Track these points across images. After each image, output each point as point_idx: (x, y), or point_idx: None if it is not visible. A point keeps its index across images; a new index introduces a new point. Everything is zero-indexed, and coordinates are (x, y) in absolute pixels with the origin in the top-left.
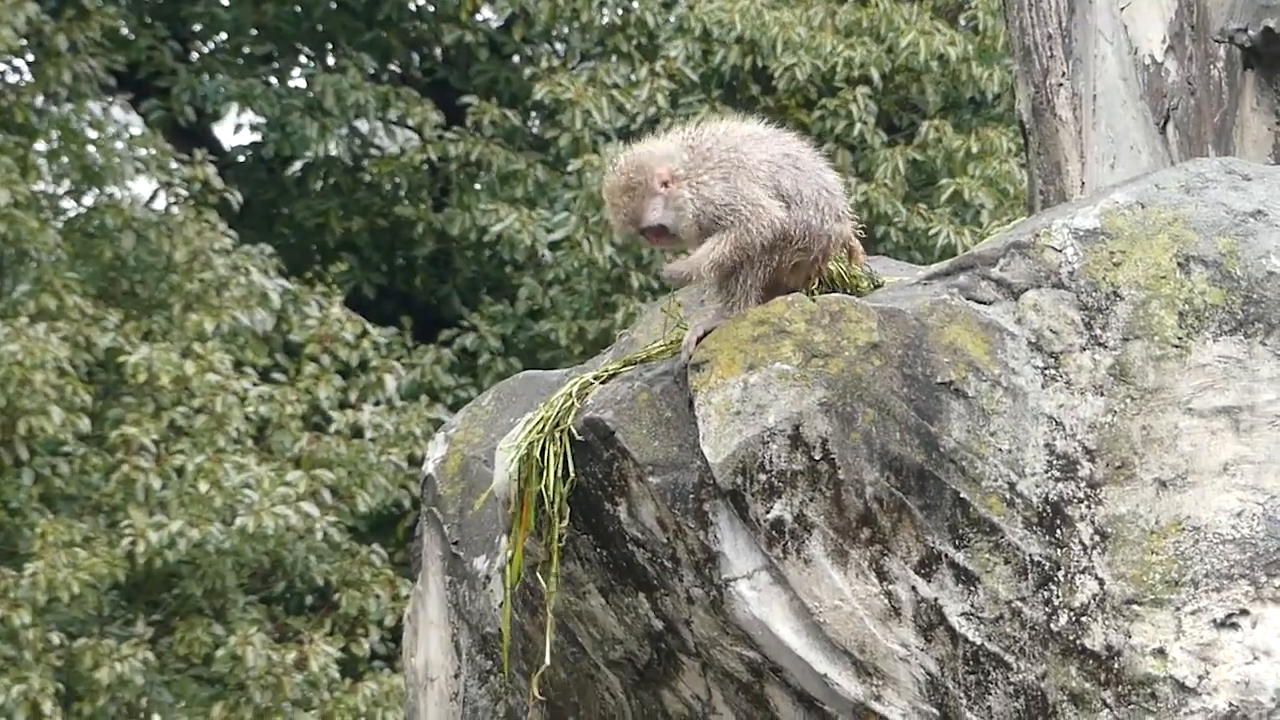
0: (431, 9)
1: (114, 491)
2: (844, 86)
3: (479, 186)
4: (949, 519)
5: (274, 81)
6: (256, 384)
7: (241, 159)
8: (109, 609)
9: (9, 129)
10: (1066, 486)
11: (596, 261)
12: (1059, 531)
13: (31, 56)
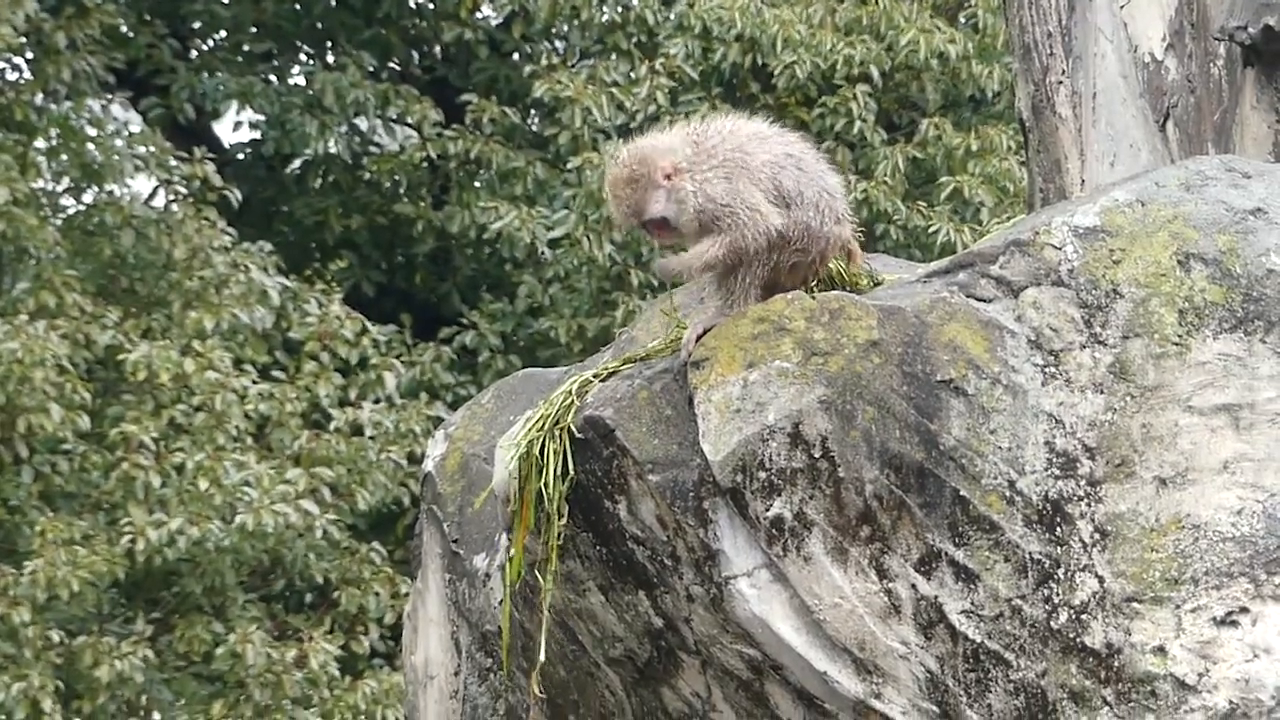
0: (431, 6)
1: (114, 489)
2: (844, 84)
3: (479, 184)
4: (949, 517)
5: (273, 79)
6: (256, 382)
7: (241, 157)
8: (109, 607)
9: (8, 127)
10: (1066, 484)
11: (596, 259)
12: (1059, 529)
13: (31, 54)
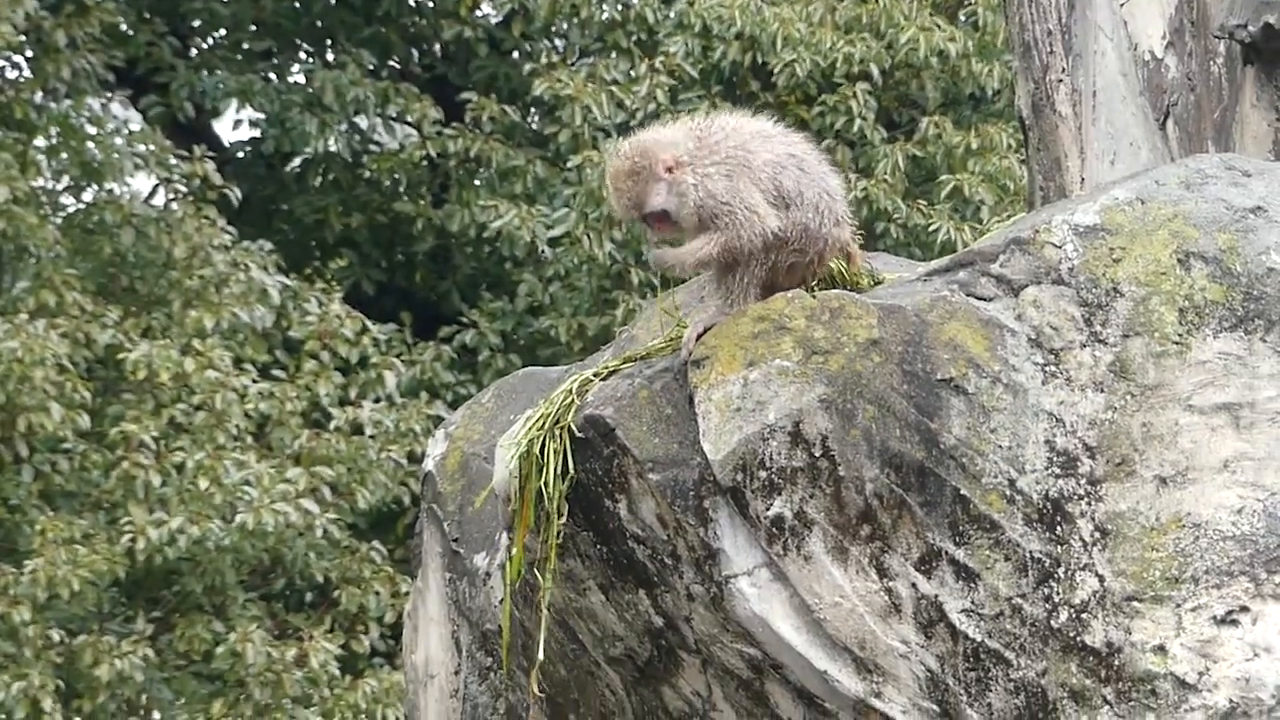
0: (431, 5)
1: (114, 488)
2: (844, 83)
3: (478, 182)
4: (949, 516)
5: (273, 77)
6: (256, 381)
7: (241, 155)
8: (109, 606)
9: (8, 125)
10: (1067, 483)
11: (596, 258)
12: (1059, 528)
13: (30, 52)
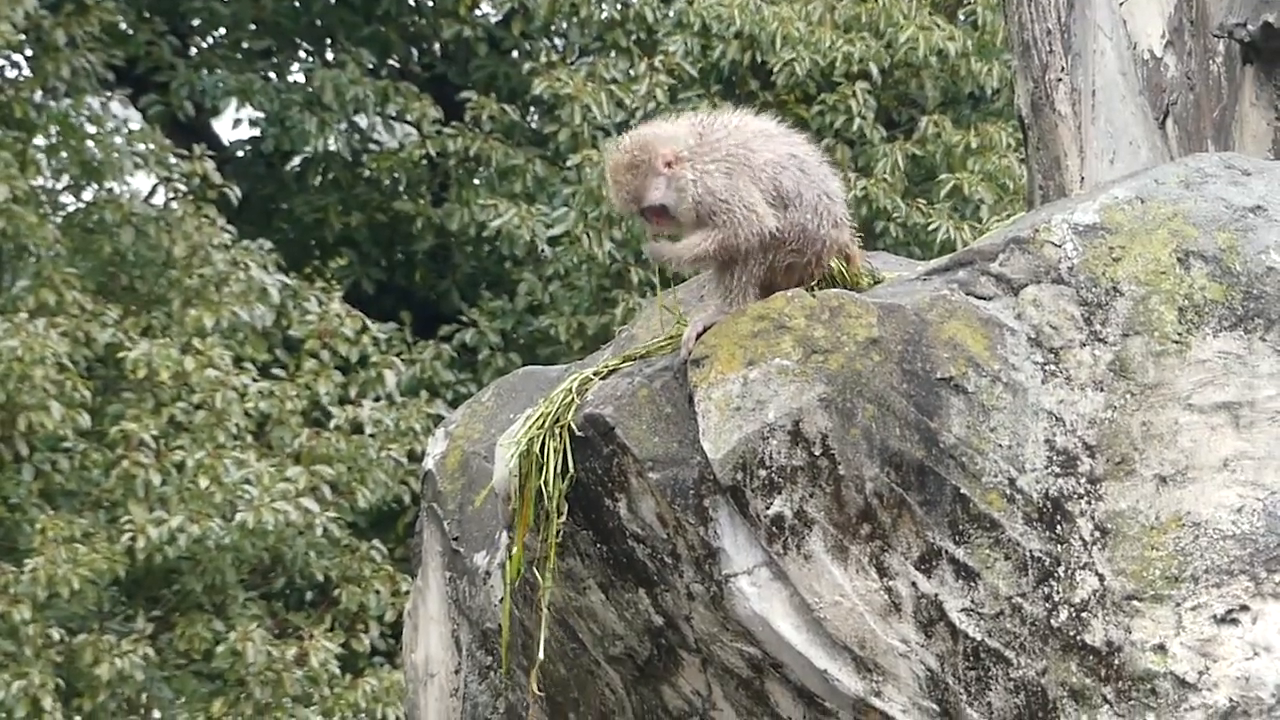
0: (430, 4)
1: (114, 487)
2: (843, 82)
3: (478, 182)
4: (949, 515)
5: (273, 76)
6: (256, 379)
7: (240, 154)
8: (109, 605)
9: (8, 124)
10: (1066, 482)
11: (596, 257)
12: (1059, 527)
13: (30, 51)
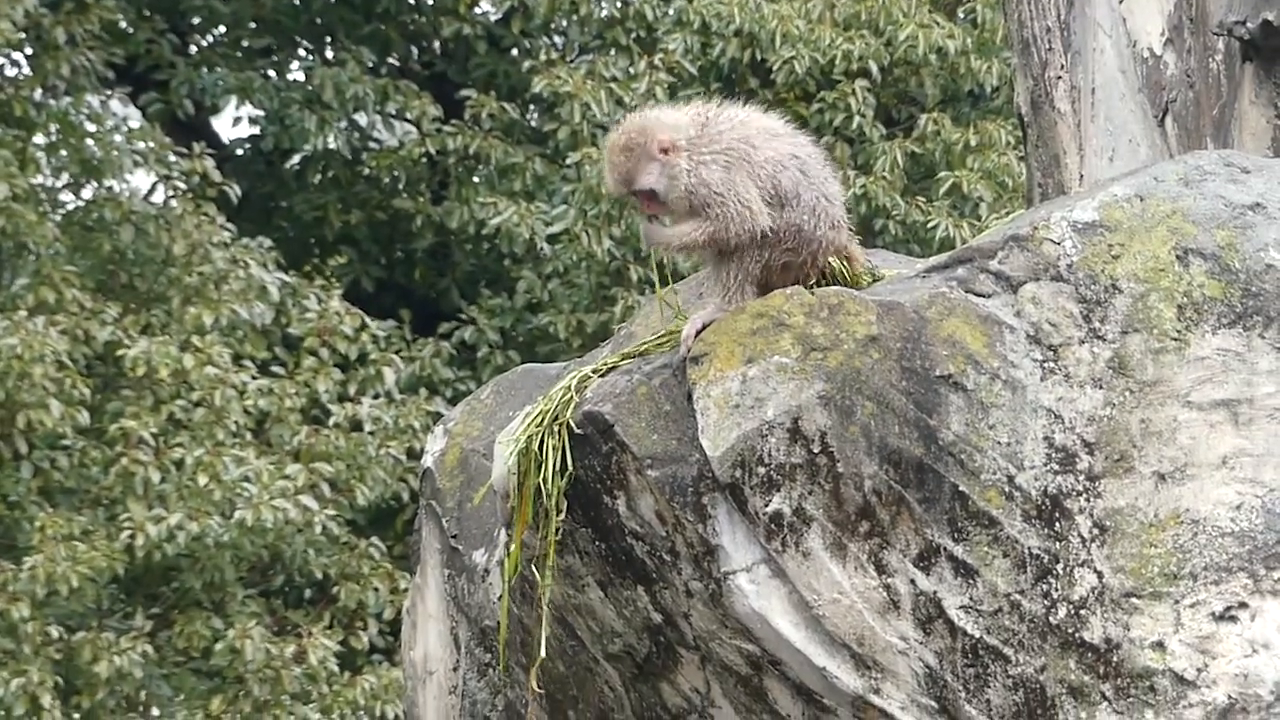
0: (430, 2)
1: (113, 485)
2: (842, 79)
3: (477, 179)
4: (948, 512)
5: (272, 74)
6: (255, 377)
7: (240, 152)
8: (108, 602)
9: (7, 122)
10: (1065, 479)
11: (595, 254)
12: (1058, 524)
13: (30, 50)
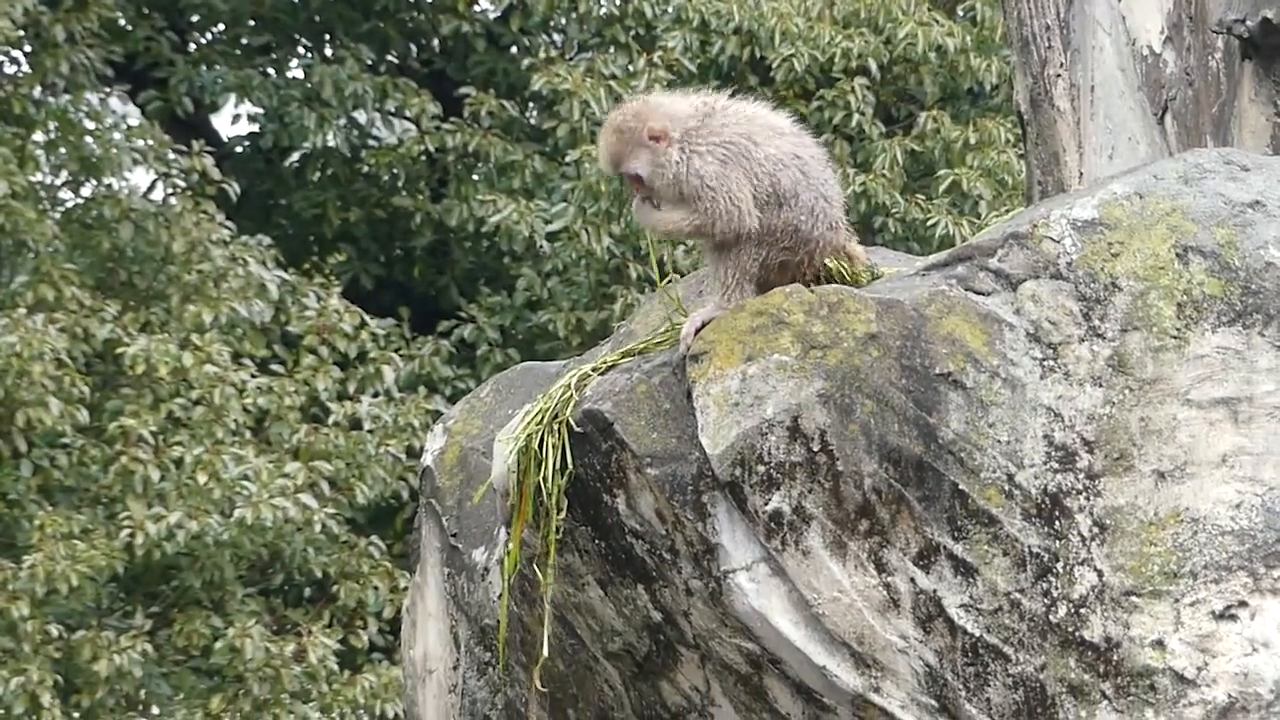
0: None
1: (112, 483)
2: (842, 77)
3: (477, 177)
4: (947, 510)
5: (272, 72)
6: (255, 375)
7: (239, 150)
8: (107, 601)
9: (6, 120)
10: (1065, 478)
11: (595, 252)
12: (1058, 523)
13: (29, 47)
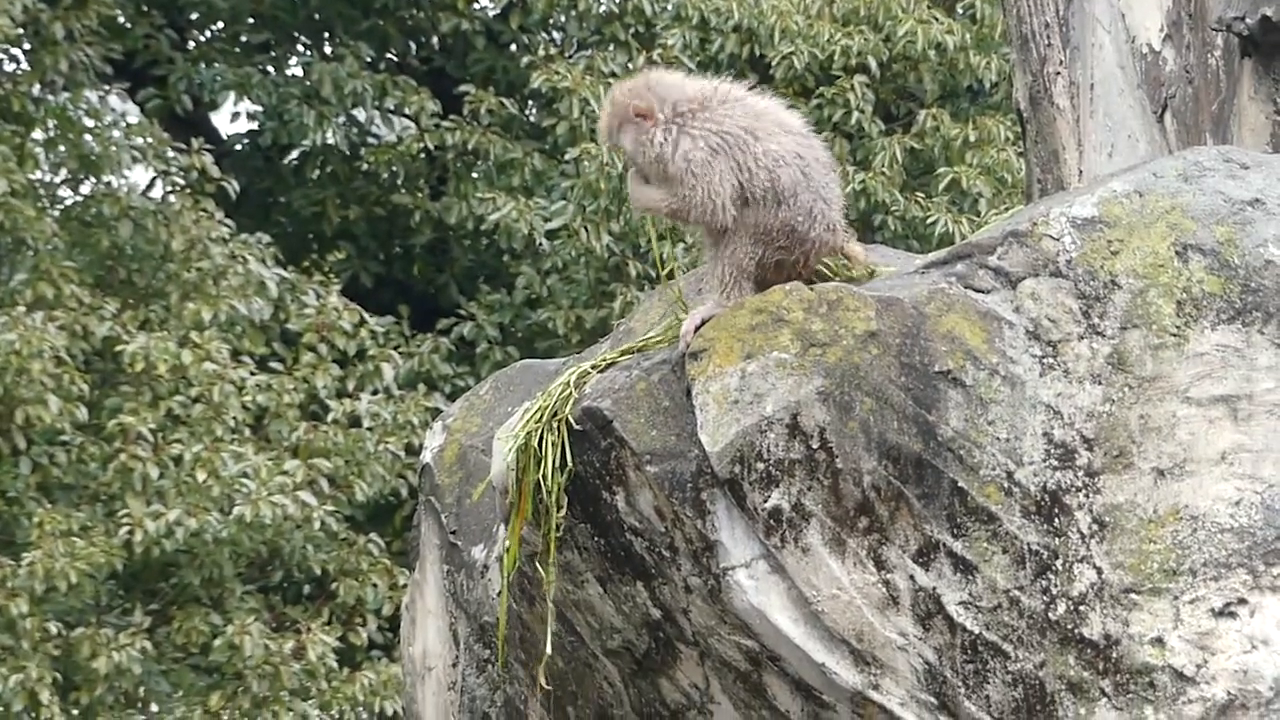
0: None
1: (111, 481)
2: (841, 75)
3: (476, 175)
4: (947, 508)
5: (271, 70)
6: (254, 373)
7: (239, 147)
8: (106, 598)
9: (6, 118)
10: (1064, 475)
11: (594, 250)
12: (1057, 520)
13: (28, 45)
